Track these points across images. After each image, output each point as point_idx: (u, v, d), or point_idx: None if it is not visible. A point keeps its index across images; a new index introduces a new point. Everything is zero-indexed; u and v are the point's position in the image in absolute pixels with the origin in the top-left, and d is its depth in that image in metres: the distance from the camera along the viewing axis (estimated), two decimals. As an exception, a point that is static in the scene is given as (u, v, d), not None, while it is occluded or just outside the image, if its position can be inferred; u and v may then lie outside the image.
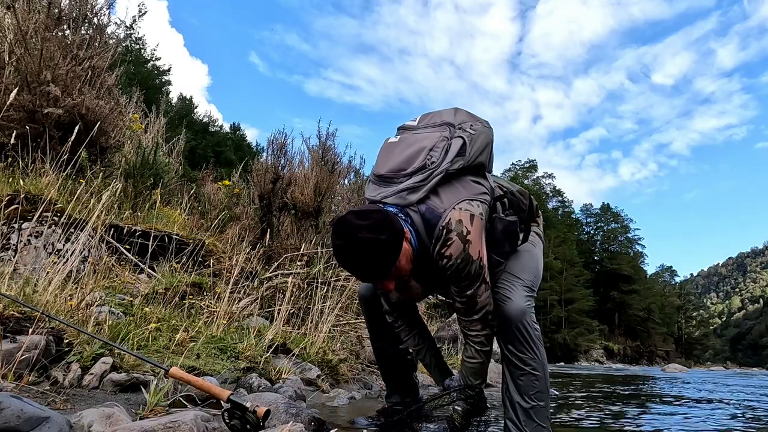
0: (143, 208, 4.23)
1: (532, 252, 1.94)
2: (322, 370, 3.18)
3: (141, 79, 18.14)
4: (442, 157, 1.76)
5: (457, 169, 1.75)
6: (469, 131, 1.83)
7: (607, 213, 70.97)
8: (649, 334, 61.79)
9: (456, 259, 1.62)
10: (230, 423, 1.53)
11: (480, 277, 1.67)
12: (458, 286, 1.69)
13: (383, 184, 1.76)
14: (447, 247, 1.62)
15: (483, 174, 1.85)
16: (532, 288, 1.86)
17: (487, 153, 1.87)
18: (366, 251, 1.50)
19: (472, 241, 1.63)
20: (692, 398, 4.86)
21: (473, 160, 1.80)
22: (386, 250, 1.52)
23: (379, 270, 1.56)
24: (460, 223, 1.63)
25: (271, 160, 5.23)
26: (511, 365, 1.78)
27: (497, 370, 5.48)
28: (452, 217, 1.64)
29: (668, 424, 2.78)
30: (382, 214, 1.56)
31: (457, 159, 1.76)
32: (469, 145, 1.80)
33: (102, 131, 4.02)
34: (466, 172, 1.79)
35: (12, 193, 2.99)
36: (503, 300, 1.78)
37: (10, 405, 1.22)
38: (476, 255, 1.64)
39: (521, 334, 1.75)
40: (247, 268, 3.84)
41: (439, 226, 1.64)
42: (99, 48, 4.19)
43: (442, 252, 1.63)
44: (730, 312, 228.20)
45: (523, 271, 1.86)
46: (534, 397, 1.75)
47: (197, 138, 26.38)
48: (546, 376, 1.79)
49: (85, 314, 2.19)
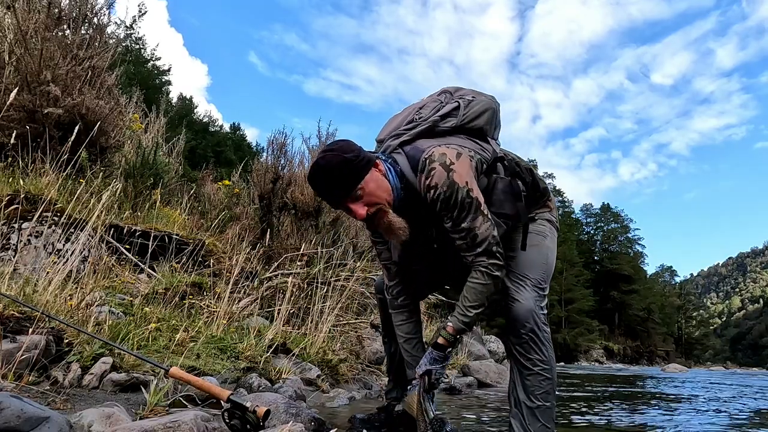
0: (143, 208, 4.23)
1: (542, 246, 1.86)
2: (322, 370, 3.18)
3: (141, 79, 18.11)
4: (431, 114, 1.81)
5: (450, 128, 1.78)
6: (466, 98, 1.86)
7: (607, 213, 70.93)
8: (649, 334, 61.73)
9: (441, 187, 1.59)
10: (230, 423, 1.53)
11: (472, 207, 1.61)
12: (452, 220, 1.64)
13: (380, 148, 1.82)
14: (431, 177, 1.61)
15: (484, 138, 1.85)
16: (541, 285, 1.79)
17: (488, 119, 1.86)
18: (328, 168, 1.59)
19: (455, 170, 1.60)
20: (692, 399, 4.86)
21: (468, 122, 1.81)
22: (345, 167, 1.58)
23: (338, 187, 1.61)
24: (443, 155, 1.62)
25: (271, 160, 5.23)
26: (518, 365, 1.76)
27: (497, 370, 5.47)
28: (435, 150, 1.65)
29: (670, 424, 2.78)
30: (349, 142, 1.65)
31: (449, 119, 1.79)
32: (463, 108, 1.82)
33: (102, 131, 4.02)
34: (462, 133, 1.80)
35: (12, 193, 2.99)
36: (511, 301, 1.74)
37: (10, 405, 1.22)
38: (462, 183, 1.60)
39: (529, 335, 1.71)
40: (247, 268, 3.84)
41: (422, 158, 1.64)
42: (99, 48, 4.19)
43: (427, 184, 1.62)
44: (730, 312, 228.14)
45: (532, 269, 1.79)
46: (540, 398, 1.73)
47: (197, 138, 26.34)
48: (554, 377, 1.76)
49: (85, 314, 2.19)
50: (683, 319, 75.59)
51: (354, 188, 1.60)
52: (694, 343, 73.48)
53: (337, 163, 1.58)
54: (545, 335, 1.74)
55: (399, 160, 1.72)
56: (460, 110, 1.82)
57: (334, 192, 1.63)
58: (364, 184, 1.60)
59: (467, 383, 4.75)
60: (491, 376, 5.23)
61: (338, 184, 1.60)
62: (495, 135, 1.94)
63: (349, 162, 1.58)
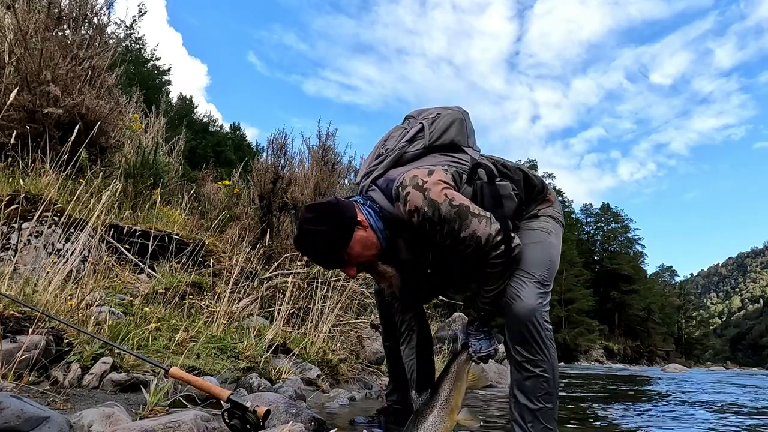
0: (143, 208, 4.23)
1: (545, 243, 1.82)
2: (322, 370, 3.18)
3: (141, 79, 18.12)
4: (397, 143, 1.81)
5: (421, 149, 1.79)
6: (430, 117, 1.86)
7: (607, 213, 70.96)
8: (649, 334, 61.75)
9: (422, 208, 1.57)
10: (230, 423, 1.53)
11: (461, 215, 1.58)
12: (450, 236, 1.61)
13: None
14: (408, 202, 1.59)
15: (459, 150, 1.84)
16: (544, 283, 1.76)
17: (457, 130, 1.85)
18: (310, 241, 1.61)
19: (430, 188, 1.58)
20: (693, 399, 4.86)
21: (437, 139, 1.81)
22: (327, 240, 1.59)
23: (326, 258, 1.65)
24: (414, 177, 1.61)
25: (271, 160, 5.23)
26: (518, 366, 1.71)
27: (497, 370, 5.48)
28: (405, 175, 1.64)
29: (670, 425, 2.78)
30: (329, 207, 1.63)
31: (416, 141, 1.80)
32: (429, 127, 1.82)
33: (102, 131, 4.02)
34: (434, 151, 1.80)
35: (12, 193, 2.99)
36: (512, 298, 1.70)
37: (10, 405, 1.22)
38: (441, 198, 1.57)
39: (531, 334, 1.67)
40: (247, 268, 3.84)
41: (394, 188, 1.64)
42: (99, 48, 4.19)
43: (408, 210, 1.60)
44: (730, 312, 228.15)
45: (534, 266, 1.75)
46: (542, 399, 1.68)
47: (197, 138, 26.36)
48: (555, 377, 1.72)
49: (85, 314, 2.19)
50: (683, 319, 75.61)
51: (340, 260, 1.64)
52: (694, 343, 73.50)
53: (319, 240, 1.59)
54: (547, 334, 1.71)
55: (375, 197, 1.72)
56: (426, 130, 1.82)
57: (321, 262, 1.71)
58: (349, 250, 1.61)
59: (467, 383, 4.74)
60: (491, 376, 5.23)
61: (324, 257, 1.65)
62: (470, 143, 1.92)
63: (327, 237, 1.59)
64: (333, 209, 1.62)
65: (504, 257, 1.64)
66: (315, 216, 1.61)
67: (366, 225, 1.64)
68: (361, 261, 1.66)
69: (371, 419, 2.13)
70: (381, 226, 1.67)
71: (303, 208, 1.66)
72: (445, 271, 1.82)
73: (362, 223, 1.64)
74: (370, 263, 1.68)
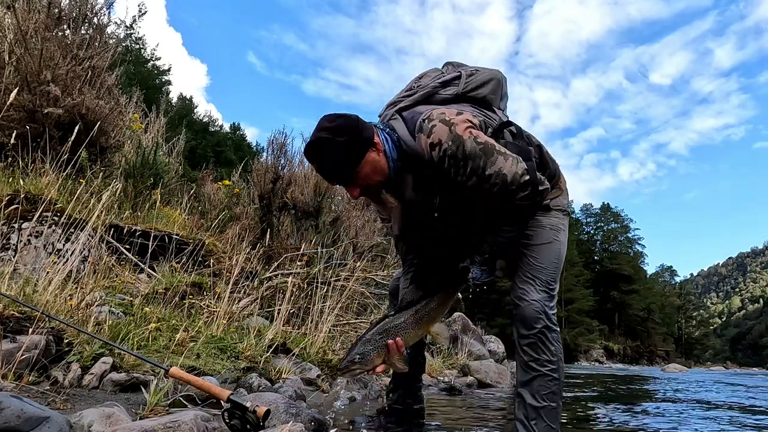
0: (143, 208, 4.23)
1: (554, 244, 1.80)
2: (322, 370, 3.17)
3: (141, 79, 18.12)
4: (431, 82, 1.79)
5: (452, 96, 1.76)
6: (469, 70, 1.84)
7: (607, 213, 70.92)
8: (649, 334, 61.73)
9: (446, 142, 1.54)
10: (230, 423, 1.53)
11: (487, 151, 1.55)
12: (475, 174, 1.56)
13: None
14: (432, 134, 1.56)
15: (489, 108, 1.81)
16: (551, 286, 1.76)
17: (492, 88, 1.83)
18: (323, 150, 1.56)
19: (457, 124, 1.56)
20: (693, 398, 4.85)
21: (471, 90, 1.79)
22: (340, 153, 1.55)
23: (333, 171, 1.60)
24: (442, 114, 1.59)
25: (271, 159, 5.23)
26: (525, 366, 1.72)
27: (497, 370, 5.47)
28: (434, 111, 1.62)
29: (670, 425, 2.78)
30: (349, 120, 1.59)
31: (450, 87, 1.77)
32: (465, 77, 1.80)
33: (102, 131, 4.02)
34: (465, 101, 1.78)
35: (12, 193, 2.99)
36: (520, 300, 1.72)
37: (10, 405, 1.22)
38: (467, 135, 1.55)
39: (538, 336, 1.69)
40: (247, 268, 3.83)
41: (420, 120, 1.61)
42: (99, 48, 4.19)
43: (430, 142, 1.56)
44: (730, 312, 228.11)
45: (543, 269, 1.76)
46: (546, 398, 1.70)
47: (197, 138, 26.36)
48: (561, 377, 1.73)
49: (85, 314, 2.19)
50: (683, 319, 75.57)
51: (350, 176, 1.60)
52: (694, 343, 73.47)
53: (333, 150, 1.55)
54: (554, 335, 1.72)
55: (396, 126, 1.67)
56: (462, 79, 1.79)
57: (328, 174, 1.64)
58: (359, 169, 1.58)
59: (467, 383, 4.75)
60: (491, 376, 5.23)
61: (333, 169, 1.60)
62: (502, 106, 1.89)
63: (341, 149, 1.55)
64: (353, 124, 1.59)
65: (530, 199, 1.61)
66: (334, 126, 1.56)
67: (380, 149, 1.62)
68: (367, 184, 1.62)
69: (371, 419, 2.13)
70: (395, 155, 1.64)
71: (323, 117, 1.61)
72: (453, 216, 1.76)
73: (377, 146, 1.61)
74: (374, 188, 1.65)
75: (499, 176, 1.56)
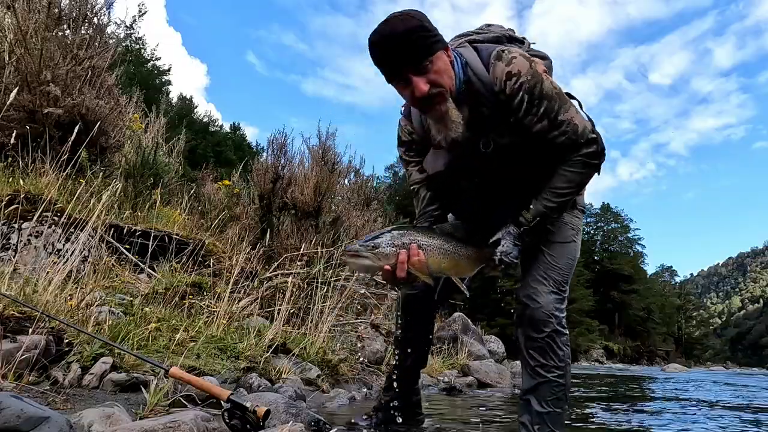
0: (143, 208, 4.23)
1: (571, 245, 1.76)
2: (322, 370, 3.18)
3: (141, 79, 18.12)
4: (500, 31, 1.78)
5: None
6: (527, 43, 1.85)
7: (607, 213, 70.88)
8: (649, 334, 61.72)
9: (525, 75, 1.48)
10: (230, 423, 1.53)
11: (564, 99, 1.52)
12: (546, 116, 1.50)
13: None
14: (512, 64, 1.48)
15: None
16: (562, 288, 1.71)
17: (548, 66, 1.83)
18: (396, 29, 1.41)
19: (537, 62, 1.54)
20: (693, 398, 4.85)
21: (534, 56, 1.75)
22: (418, 31, 1.42)
23: (410, 51, 1.41)
24: (522, 53, 1.55)
25: (271, 159, 5.22)
26: (531, 371, 1.68)
27: (497, 370, 5.47)
28: (511, 48, 1.57)
29: (670, 425, 2.78)
30: (423, 16, 1.47)
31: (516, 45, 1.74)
32: (528, 44, 1.80)
33: (102, 131, 4.02)
34: None
35: (12, 193, 2.99)
36: (530, 300, 1.66)
37: (10, 405, 1.22)
38: (545, 76, 1.52)
39: (545, 341, 1.64)
40: (247, 268, 3.83)
41: (496, 51, 1.53)
42: (99, 48, 4.19)
43: (508, 71, 1.48)
44: (730, 312, 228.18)
45: (556, 270, 1.71)
46: (551, 403, 1.66)
47: (197, 138, 26.30)
48: (567, 383, 1.69)
49: (85, 314, 2.19)
50: (683, 319, 75.53)
51: (424, 59, 1.43)
52: (694, 343, 73.43)
53: (414, 27, 1.41)
54: (563, 338, 1.67)
55: (465, 53, 1.57)
56: (526, 42, 1.79)
57: (401, 57, 1.43)
58: (434, 58, 1.44)
59: (467, 383, 4.76)
60: (491, 376, 5.23)
61: (409, 49, 1.41)
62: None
63: (426, 29, 1.43)
64: (427, 19, 1.47)
65: (592, 158, 1.57)
66: (411, 11, 1.45)
67: (451, 57, 1.53)
68: (438, 81, 1.46)
69: (368, 417, 2.12)
70: (462, 76, 1.54)
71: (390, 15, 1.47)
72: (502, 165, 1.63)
73: (449, 53, 1.52)
74: (441, 91, 1.48)
75: (570, 125, 1.52)
